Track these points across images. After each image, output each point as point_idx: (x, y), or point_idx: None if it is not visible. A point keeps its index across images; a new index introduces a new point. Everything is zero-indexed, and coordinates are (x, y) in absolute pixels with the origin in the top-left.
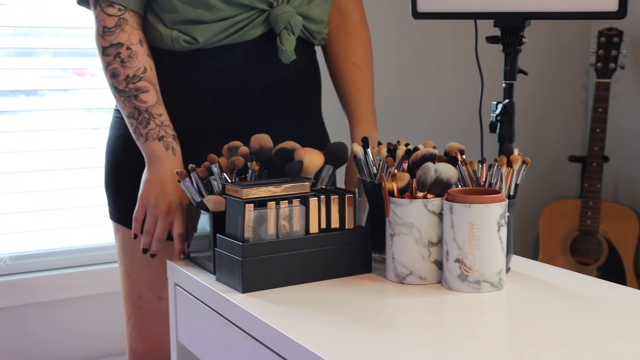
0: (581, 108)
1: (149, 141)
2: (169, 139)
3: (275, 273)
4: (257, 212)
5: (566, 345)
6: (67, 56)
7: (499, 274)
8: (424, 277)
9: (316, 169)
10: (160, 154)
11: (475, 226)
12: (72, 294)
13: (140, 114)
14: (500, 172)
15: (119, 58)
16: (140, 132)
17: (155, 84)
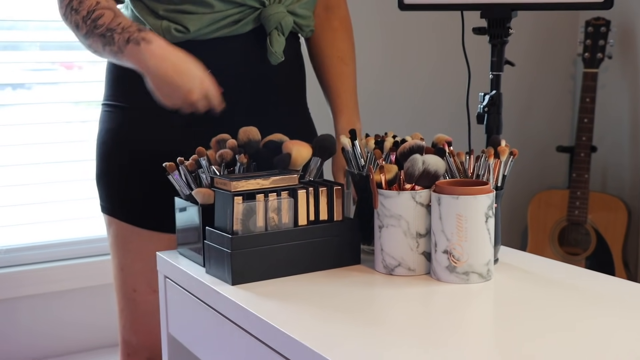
0: (569, 98)
1: (122, 54)
2: (134, 35)
3: (265, 265)
4: (245, 205)
5: (555, 336)
6: (54, 49)
7: (487, 264)
8: (412, 269)
9: (304, 161)
10: (137, 53)
11: (463, 217)
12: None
13: (105, 37)
14: (488, 164)
15: (71, 7)
16: (114, 51)
17: (112, 7)
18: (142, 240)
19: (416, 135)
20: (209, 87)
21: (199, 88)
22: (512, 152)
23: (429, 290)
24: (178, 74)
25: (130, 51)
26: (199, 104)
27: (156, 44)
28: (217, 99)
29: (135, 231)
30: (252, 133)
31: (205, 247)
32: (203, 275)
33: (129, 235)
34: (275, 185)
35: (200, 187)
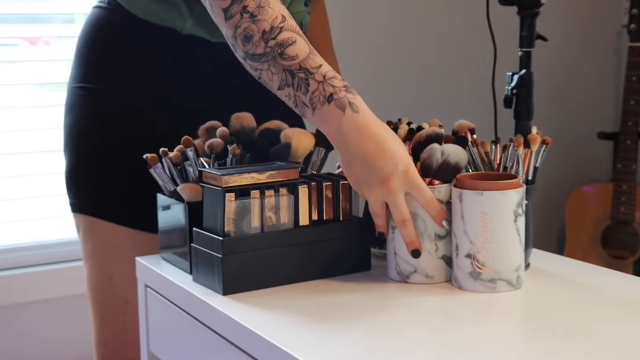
0: (612, 77)
1: (317, 110)
2: (340, 95)
3: (261, 272)
4: (238, 203)
5: (597, 357)
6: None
7: (517, 270)
8: (430, 275)
9: (306, 152)
10: (336, 118)
11: (488, 216)
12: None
13: (294, 76)
14: (517, 154)
15: (247, 13)
16: (304, 102)
17: (301, 33)
18: (136, 244)
19: (434, 122)
20: (413, 176)
21: (402, 174)
22: (544, 141)
23: (450, 301)
24: (380, 154)
25: (328, 113)
26: (397, 193)
27: (363, 114)
28: (422, 190)
29: (129, 234)
30: (245, 120)
31: (192, 252)
32: (190, 283)
33: (119, 239)
34: (273, 179)
35: (186, 182)
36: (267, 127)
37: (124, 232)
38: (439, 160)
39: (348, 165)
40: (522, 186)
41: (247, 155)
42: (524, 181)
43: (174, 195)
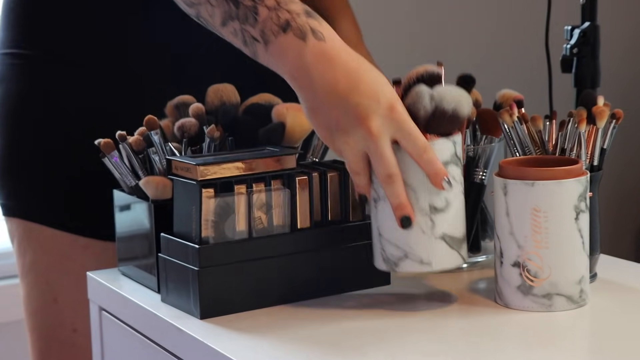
0: None
1: (271, 43)
2: (299, 21)
3: (249, 289)
4: (219, 200)
5: None
6: None
7: (580, 283)
8: (426, 261)
9: (305, 134)
10: (295, 50)
11: (542, 213)
12: None
13: (238, 5)
14: (579, 132)
15: None
16: (254, 36)
17: None
18: (87, 256)
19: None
20: (400, 115)
21: (385, 111)
22: (614, 115)
23: (493, 323)
24: (355, 87)
25: (284, 45)
26: (379, 136)
27: (331, 41)
28: (413, 134)
29: (77, 243)
30: (226, 93)
31: (160, 264)
32: (157, 305)
33: (65, 250)
34: (263, 169)
35: (151, 174)
36: (255, 103)
37: (71, 240)
38: (428, 107)
39: (313, 109)
40: (586, 174)
41: (229, 139)
42: (588, 167)
43: (135, 192)
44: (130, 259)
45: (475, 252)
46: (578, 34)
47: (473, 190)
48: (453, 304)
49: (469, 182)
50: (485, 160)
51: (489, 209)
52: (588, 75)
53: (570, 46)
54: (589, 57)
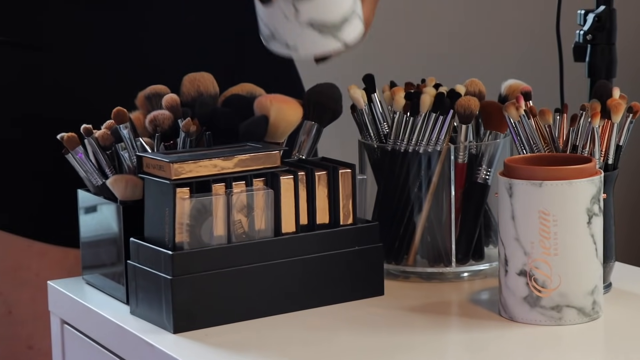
0: None
1: None
2: None
3: (228, 300)
4: (195, 202)
5: None
6: None
7: (592, 294)
8: (291, 46)
9: (290, 128)
10: None
11: (551, 217)
12: None
13: None
14: (592, 128)
15: None
16: None
17: None
18: (46, 264)
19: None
20: None
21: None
22: (631, 108)
23: (497, 336)
24: None
25: None
26: None
27: None
28: None
29: (34, 249)
30: (203, 82)
31: (130, 272)
32: (126, 318)
33: (20, 257)
34: (244, 168)
35: (119, 172)
36: (235, 94)
37: (26, 246)
38: None
39: None
40: (600, 173)
41: (206, 134)
42: (602, 166)
43: (102, 192)
44: (96, 266)
45: (478, 259)
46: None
47: (475, 191)
48: (453, 316)
49: (471, 182)
50: (489, 158)
51: (493, 211)
52: (603, 64)
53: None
54: (604, 45)
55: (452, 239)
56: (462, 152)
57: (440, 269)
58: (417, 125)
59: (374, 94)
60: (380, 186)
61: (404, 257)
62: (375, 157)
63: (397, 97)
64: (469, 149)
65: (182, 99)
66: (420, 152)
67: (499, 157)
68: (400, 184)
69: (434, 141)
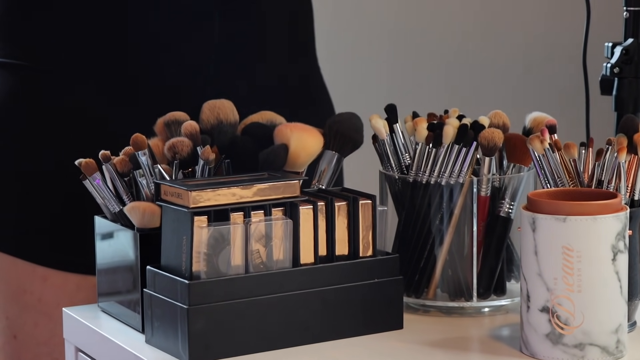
0: None
1: None
2: None
3: (243, 330)
4: (213, 230)
5: None
6: None
7: (616, 332)
8: None
9: (310, 158)
10: None
11: (574, 253)
12: None
13: None
14: (618, 163)
15: None
16: None
17: None
18: (48, 288)
19: (498, 115)
20: None
21: None
22: None
23: None
24: None
25: None
26: None
27: None
28: None
29: (37, 274)
30: (224, 110)
31: (146, 300)
32: (141, 347)
33: (24, 281)
34: (263, 197)
35: (137, 199)
36: (255, 122)
37: (31, 271)
38: None
39: None
40: (625, 209)
41: (225, 162)
42: (628, 202)
43: (119, 219)
44: (112, 293)
45: (500, 294)
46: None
47: (498, 225)
48: (474, 352)
49: (494, 216)
50: (512, 192)
51: (516, 246)
52: (630, 98)
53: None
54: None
55: (473, 273)
56: (485, 185)
57: (461, 304)
58: (440, 157)
59: (396, 124)
60: (401, 218)
61: (424, 291)
62: (396, 188)
63: (420, 127)
64: (492, 181)
65: (202, 126)
66: (443, 184)
67: (523, 191)
68: (421, 216)
69: (456, 173)
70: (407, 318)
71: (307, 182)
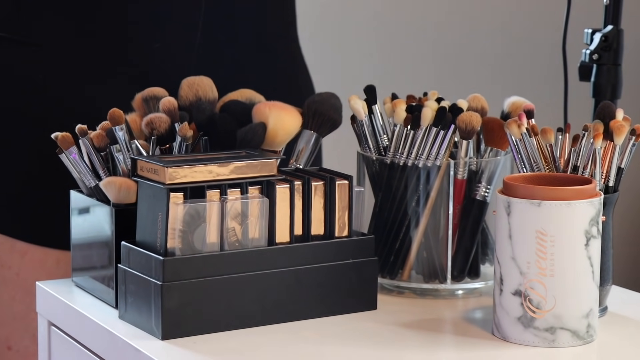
0: None
1: None
2: None
3: (218, 308)
4: (189, 207)
5: None
6: None
7: (587, 317)
8: None
9: (288, 137)
10: None
11: (548, 237)
12: None
13: None
14: (594, 149)
15: None
16: None
17: None
18: (31, 263)
19: (477, 99)
20: None
21: None
22: (634, 130)
23: (490, 357)
24: None
25: None
26: None
27: None
28: None
29: (16, 248)
30: (202, 87)
31: (120, 276)
32: (115, 322)
33: (3, 254)
34: (240, 175)
35: (113, 174)
36: (234, 100)
37: (10, 245)
38: None
39: None
40: (599, 195)
41: (203, 139)
42: (603, 188)
43: (95, 194)
44: (86, 268)
45: (474, 277)
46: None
47: (474, 208)
48: (446, 334)
49: (470, 199)
50: (488, 175)
51: (491, 229)
52: (608, 85)
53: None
54: (610, 65)
55: (448, 256)
56: (461, 168)
57: (435, 286)
58: (417, 139)
59: (374, 106)
60: (378, 199)
61: (399, 272)
62: (373, 169)
63: (398, 109)
64: (468, 165)
65: (180, 103)
66: (420, 166)
67: (499, 175)
68: (397, 198)
69: (433, 156)
70: (381, 299)
71: (284, 161)
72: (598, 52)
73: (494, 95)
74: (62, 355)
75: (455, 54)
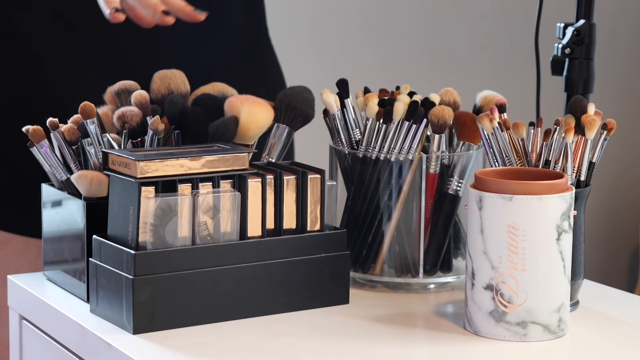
0: None
1: None
2: None
3: (190, 302)
4: (160, 201)
5: None
6: None
7: (558, 311)
8: None
9: (260, 131)
10: None
11: (519, 232)
12: None
13: None
14: (565, 143)
15: None
16: None
17: None
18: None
19: (449, 93)
20: None
21: None
22: (606, 125)
23: (460, 351)
24: None
25: None
26: None
27: None
28: None
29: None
30: (174, 80)
31: (91, 270)
32: (86, 316)
33: None
34: (212, 169)
35: (85, 168)
36: (206, 93)
37: None
38: None
39: None
40: (571, 189)
41: (174, 133)
42: (574, 183)
43: (66, 187)
44: (58, 262)
45: (446, 271)
46: (571, 32)
47: (446, 202)
48: (418, 328)
49: (442, 193)
50: (460, 170)
51: (463, 223)
52: (580, 79)
53: (562, 46)
54: (582, 59)
55: (420, 250)
56: (434, 162)
57: (407, 280)
58: (390, 133)
59: (347, 99)
60: (350, 193)
61: (371, 266)
62: (346, 163)
63: (371, 103)
64: (441, 159)
65: (152, 96)
66: (392, 160)
67: (471, 169)
68: (370, 192)
69: (405, 150)
70: (353, 293)
71: (256, 155)
72: (570, 47)
73: (467, 89)
74: (33, 349)
75: (428, 48)
